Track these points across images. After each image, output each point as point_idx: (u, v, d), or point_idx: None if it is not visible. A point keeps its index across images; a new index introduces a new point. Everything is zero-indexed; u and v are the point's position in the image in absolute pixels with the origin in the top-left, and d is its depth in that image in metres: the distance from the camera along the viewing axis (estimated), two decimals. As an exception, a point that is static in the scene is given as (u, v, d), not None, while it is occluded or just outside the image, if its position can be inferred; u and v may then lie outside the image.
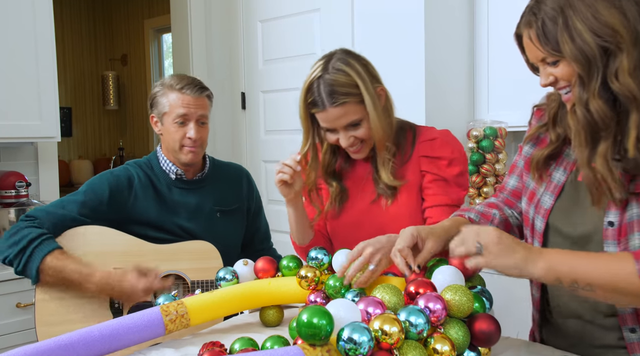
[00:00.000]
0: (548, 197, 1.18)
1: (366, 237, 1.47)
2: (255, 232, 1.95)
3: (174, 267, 1.68)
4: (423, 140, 1.50)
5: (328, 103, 1.39)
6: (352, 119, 1.41)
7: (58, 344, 1.00)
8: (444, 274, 1.05)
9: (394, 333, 0.86)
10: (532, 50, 1.08)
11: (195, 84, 1.74)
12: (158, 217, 1.73)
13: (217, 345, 1.03)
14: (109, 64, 5.80)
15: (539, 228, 1.19)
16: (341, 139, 1.44)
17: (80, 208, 1.67)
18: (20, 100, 2.36)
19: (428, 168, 1.48)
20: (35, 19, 2.39)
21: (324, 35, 2.71)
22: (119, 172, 1.76)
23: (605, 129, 1.03)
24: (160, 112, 1.75)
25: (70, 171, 5.40)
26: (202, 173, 1.83)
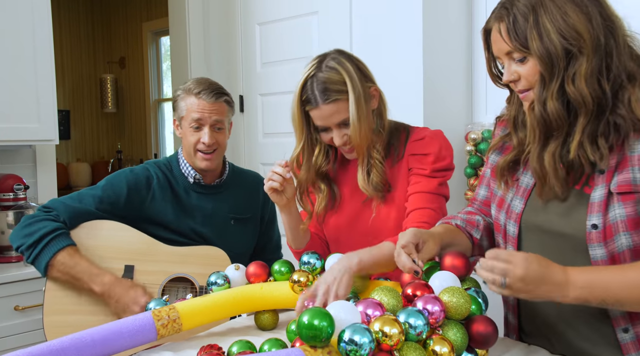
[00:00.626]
0: (518, 201, 1.20)
1: (359, 238, 1.51)
2: (268, 241, 1.96)
3: (184, 270, 1.68)
4: (413, 140, 1.52)
5: (321, 101, 1.41)
6: (345, 117, 1.43)
7: (50, 349, 1.00)
8: (441, 279, 1.06)
9: (394, 334, 0.87)
10: (499, 44, 1.10)
11: (213, 89, 1.73)
12: (174, 219, 1.74)
13: (214, 348, 1.03)
14: (107, 66, 5.81)
15: (512, 233, 1.21)
16: (335, 138, 1.46)
17: (97, 203, 1.68)
18: (18, 103, 2.37)
19: (414, 165, 1.49)
20: (34, 21, 2.39)
21: (322, 38, 2.71)
22: (138, 170, 1.77)
23: (558, 129, 1.08)
24: (179, 115, 1.77)
25: (69, 174, 5.41)
26: (221, 179, 1.84)
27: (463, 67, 2.55)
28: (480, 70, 2.55)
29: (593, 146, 1.06)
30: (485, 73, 2.59)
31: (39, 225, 1.61)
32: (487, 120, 2.50)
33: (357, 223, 1.53)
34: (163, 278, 1.67)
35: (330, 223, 1.58)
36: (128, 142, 5.80)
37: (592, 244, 1.07)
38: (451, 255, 1.12)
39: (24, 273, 2.19)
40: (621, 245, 1.04)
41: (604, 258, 1.06)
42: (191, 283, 1.69)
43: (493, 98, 2.52)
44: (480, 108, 2.55)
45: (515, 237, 1.20)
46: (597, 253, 1.06)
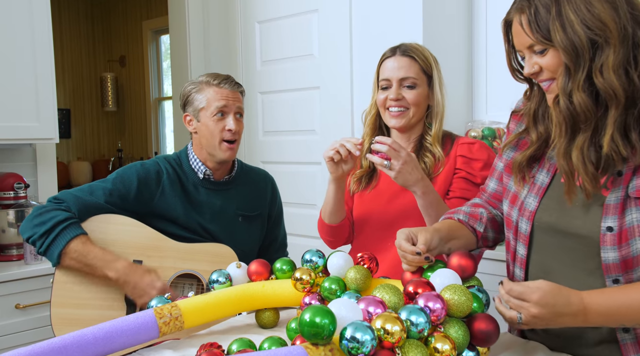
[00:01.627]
0: (532, 198, 1.18)
1: (389, 223, 1.56)
2: (273, 240, 1.97)
3: (192, 267, 1.69)
4: (462, 143, 1.59)
5: (399, 52, 1.57)
6: (411, 75, 1.55)
7: (51, 347, 1.00)
8: (442, 276, 1.06)
9: (396, 332, 0.86)
10: (520, 36, 1.08)
11: (231, 80, 1.78)
12: (182, 214, 1.74)
13: (215, 346, 1.03)
14: (107, 65, 5.81)
15: (525, 231, 1.19)
16: (391, 92, 1.55)
17: (107, 196, 1.69)
18: (18, 102, 2.38)
19: (463, 167, 1.55)
20: (33, 20, 2.40)
21: (322, 36, 2.71)
22: (149, 165, 1.77)
23: (585, 122, 1.04)
24: (196, 108, 1.76)
25: (69, 172, 5.42)
26: (230, 175, 1.84)
27: (463, 64, 2.56)
28: (481, 67, 2.56)
29: (624, 140, 1.03)
30: (486, 71, 2.64)
31: (50, 214, 1.61)
32: (487, 118, 2.51)
33: (389, 207, 1.57)
34: (170, 274, 1.68)
35: (364, 202, 1.62)
36: (128, 140, 5.81)
37: (606, 246, 1.05)
38: (458, 255, 1.12)
39: (24, 272, 2.20)
40: (636, 250, 1.03)
41: (615, 261, 1.04)
42: (198, 279, 1.69)
43: (493, 96, 2.53)
44: (480, 105, 2.56)
45: (528, 235, 1.19)
46: (609, 256, 1.05)
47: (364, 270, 1.24)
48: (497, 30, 2.48)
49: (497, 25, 2.50)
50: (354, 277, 1.22)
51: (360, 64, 2.52)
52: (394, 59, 1.56)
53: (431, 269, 1.14)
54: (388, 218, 1.57)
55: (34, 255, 2.26)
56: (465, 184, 1.54)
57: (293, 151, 2.89)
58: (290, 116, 2.89)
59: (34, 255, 2.26)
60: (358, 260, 1.28)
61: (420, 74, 1.56)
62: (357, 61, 2.54)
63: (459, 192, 1.53)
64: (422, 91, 1.56)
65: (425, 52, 1.58)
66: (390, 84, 1.56)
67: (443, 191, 1.54)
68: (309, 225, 2.57)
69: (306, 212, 2.75)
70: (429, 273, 1.12)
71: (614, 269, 1.05)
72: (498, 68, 2.50)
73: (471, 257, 1.12)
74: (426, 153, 1.57)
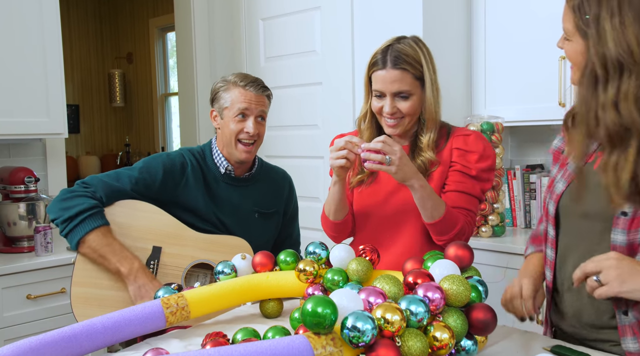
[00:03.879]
0: (562, 183, 1.24)
1: (389, 216, 1.57)
2: (287, 237, 1.99)
3: (208, 257, 1.72)
4: (458, 135, 1.57)
5: (390, 64, 1.49)
6: (404, 88, 1.49)
7: (62, 336, 1.02)
8: (441, 267, 1.08)
9: (395, 321, 0.88)
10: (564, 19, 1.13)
11: (259, 83, 1.80)
12: (203, 206, 1.77)
13: (220, 335, 1.05)
14: (115, 62, 5.84)
15: (551, 212, 1.25)
16: (386, 106, 1.51)
17: (133, 184, 1.72)
18: (28, 98, 2.41)
19: (458, 160, 1.54)
20: (43, 18, 2.43)
21: (325, 33, 2.73)
22: (174, 156, 1.81)
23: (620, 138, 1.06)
24: (221, 106, 1.79)
25: (78, 167, 5.46)
26: (250, 173, 1.87)
27: (462, 60, 2.57)
28: (480, 62, 2.57)
29: None
30: (484, 65, 2.67)
31: (76, 200, 1.65)
32: (486, 112, 2.52)
33: (389, 202, 1.58)
34: (188, 263, 1.71)
35: (363, 197, 1.62)
36: (136, 135, 5.85)
37: (617, 229, 1.11)
38: (455, 246, 1.14)
39: (35, 263, 2.22)
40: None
41: (622, 244, 1.10)
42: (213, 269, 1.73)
43: (492, 91, 2.54)
44: (479, 100, 2.57)
45: (554, 216, 1.25)
46: (617, 238, 1.11)
47: (366, 261, 1.25)
48: (496, 25, 2.53)
49: (496, 20, 2.54)
50: (356, 269, 1.23)
51: (362, 59, 2.53)
52: (385, 71, 1.49)
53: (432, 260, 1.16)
54: (388, 213, 1.58)
55: (44, 247, 2.29)
56: (461, 177, 1.53)
57: (296, 145, 2.91)
58: (293, 111, 2.92)
59: (44, 247, 2.29)
60: (360, 252, 1.29)
61: (413, 82, 1.50)
62: (358, 57, 2.56)
63: (454, 185, 1.53)
64: (417, 99, 1.52)
65: (416, 56, 1.51)
66: (384, 94, 1.51)
67: (439, 185, 1.55)
68: (313, 218, 2.59)
69: (309, 205, 2.77)
70: (428, 264, 1.14)
71: (620, 251, 1.10)
72: (497, 63, 2.51)
73: (467, 247, 1.15)
74: (421, 153, 1.55)
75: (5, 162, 2.59)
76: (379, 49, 1.53)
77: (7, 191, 2.41)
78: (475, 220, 1.56)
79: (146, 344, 1.22)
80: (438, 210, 1.45)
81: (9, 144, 2.61)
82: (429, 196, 1.44)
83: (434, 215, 1.45)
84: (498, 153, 2.41)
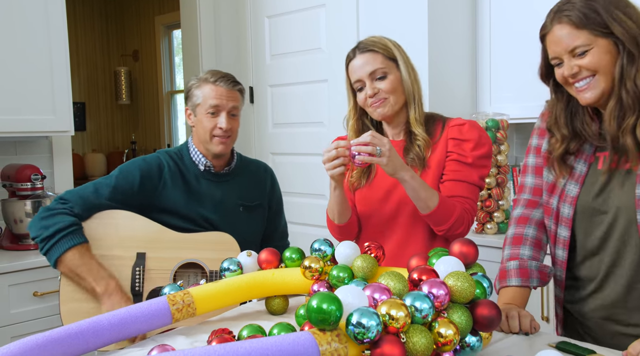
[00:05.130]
0: (573, 185, 1.29)
1: (391, 211, 1.58)
2: (275, 229, 1.99)
3: (194, 256, 1.72)
4: (453, 125, 1.59)
5: (358, 52, 1.56)
6: (377, 66, 1.54)
7: (68, 333, 1.02)
8: (446, 264, 1.08)
9: (400, 317, 0.88)
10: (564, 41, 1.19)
11: (229, 78, 1.80)
12: (184, 206, 1.77)
13: (226, 331, 1.06)
14: (121, 59, 5.86)
15: (567, 215, 1.29)
16: (367, 89, 1.55)
17: (111, 192, 1.72)
18: (35, 96, 2.42)
19: (454, 149, 1.56)
20: (48, 16, 2.44)
21: (330, 30, 2.73)
22: (150, 159, 1.81)
23: None
24: (194, 103, 1.80)
25: (85, 164, 5.48)
26: (230, 167, 1.87)
27: (467, 57, 2.57)
28: (485, 60, 2.56)
29: None
30: (489, 62, 2.67)
31: (55, 219, 1.65)
32: (490, 109, 2.52)
33: (389, 198, 1.59)
34: (174, 264, 1.71)
35: (364, 196, 1.63)
36: (142, 133, 5.86)
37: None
38: (460, 242, 1.14)
39: (42, 260, 2.22)
40: None
41: None
42: (202, 268, 1.73)
43: (497, 88, 2.54)
44: (484, 97, 2.57)
45: (570, 218, 1.29)
46: None
47: (371, 258, 1.25)
48: (501, 23, 2.52)
49: (501, 17, 2.54)
50: (361, 265, 1.24)
51: None
52: (356, 59, 1.56)
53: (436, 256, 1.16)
54: (389, 209, 1.59)
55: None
56: (457, 166, 1.55)
57: (302, 143, 2.91)
58: (299, 108, 2.92)
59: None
60: (365, 249, 1.30)
61: (385, 61, 1.55)
62: (364, 54, 2.56)
63: (451, 175, 1.55)
64: (395, 77, 1.55)
65: (382, 41, 1.57)
66: (364, 83, 1.55)
67: (437, 175, 1.56)
68: (318, 215, 2.60)
69: (315, 202, 2.78)
70: (433, 261, 1.14)
71: None
72: (502, 60, 2.51)
73: (472, 244, 1.15)
74: (417, 138, 1.57)
75: (11, 160, 2.60)
76: None
77: (13, 188, 2.42)
78: (475, 207, 1.56)
79: (152, 341, 1.22)
80: (432, 199, 1.45)
81: (15, 142, 2.63)
82: (421, 186, 1.45)
83: (429, 205, 1.46)
84: (503, 150, 2.41)
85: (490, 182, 2.39)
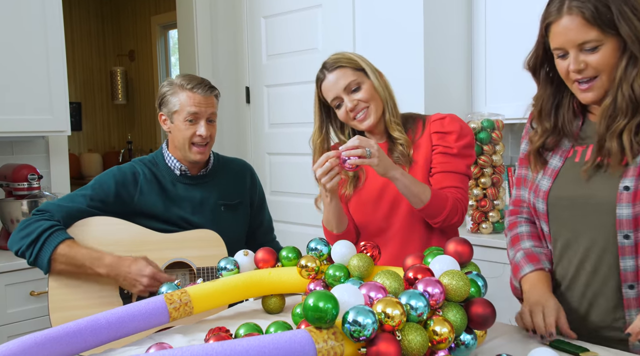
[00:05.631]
0: (546, 180, 1.29)
1: (384, 211, 1.59)
2: (259, 225, 2.00)
3: (181, 255, 1.73)
4: (434, 120, 1.62)
5: (327, 72, 1.59)
6: (350, 80, 1.56)
7: (67, 331, 1.03)
8: (441, 262, 1.09)
9: (396, 315, 0.89)
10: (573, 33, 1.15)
11: (205, 84, 1.79)
12: (163, 210, 1.78)
13: (223, 330, 1.06)
14: (117, 59, 5.85)
15: (542, 210, 1.29)
16: (346, 103, 1.57)
17: (88, 201, 1.73)
18: (31, 96, 2.42)
19: (439, 142, 1.59)
20: (45, 16, 2.44)
21: (326, 30, 2.74)
22: (125, 168, 1.81)
23: None
24: (170, 110, 1.79)
25: (81, 164, 5.47)
26: (206, 169, 1.87)
27: (463, 57, 2.58)
28: (480, 60, 2.58)
29: None
30: (485, 63, 2.68)
31: (35, 225, 1.66)
32: (486, 110, 2.53)
33: (382, 198, 1.60)
34: (161, 265, 1.71)
35: (357, 201, 1.64)
36: (138, 132, 5.86)
37: (621, 203, 1.15)
38: (455, 242, 1.15)
39: (39, 261, 2.24)
40: None
41: (628, 217, 1.15)
42: (189, 266, 1.74)
43: (492, 88, 2.55)
44: (479, 98, 2.59)
45: (545, 212, 1.29)
46: (623, 212, 1.15)
47: (367, 257, 1.26)
48: (496, 23, 2.54)
49: (496, 18, 2.55)
50: (357, 265, 1.24)
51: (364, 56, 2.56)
52: (327, 79, 1.58)
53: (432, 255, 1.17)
54: (383, 210, 1.60)
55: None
56: (444, 158, 1.57)
57: (298, 142, 2.92)
58: (295, 108, 2.93)
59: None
60: (361, 249, 1.31)
61: (355, 72, 1.57)
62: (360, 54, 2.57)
63: (440, 167, 1.57)
64: (368, 86, 1.57)
65: (345, 55, 1.61)
66: (341, 98, 1.58)
67: (426, 170, 1.58)
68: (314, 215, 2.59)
69: (311, 202, 2.76)
70: (428, 259, 1.15)
71: (626, 225, 1.15)
72: (497, 60, 2.52)
73: (467, 243, 1.16)
74: (398, 139, 1.60)
75: (8, 160, 2.60)
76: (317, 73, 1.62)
77: (10, 188, 2.42)
78: (466, 195, 1.58)
79: (149, 340, 1.23)
80: (425, 193, 1.47)
81: (12, 141, 2.63)
82: (412, 182, 1.47)
83: (422, 200, 1.48)
84: (498, 151, 2.42)
85: (486, 181, 2.40)
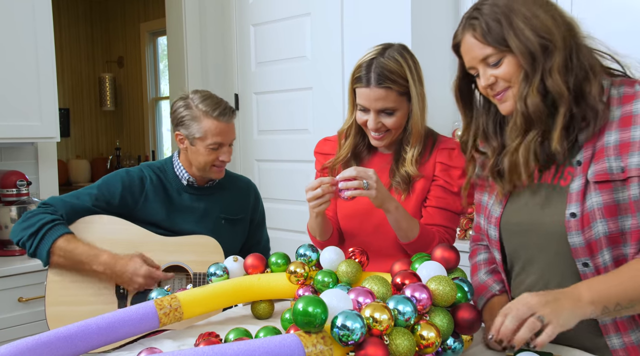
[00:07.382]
0: (497, 205, 1.24)
1: (372, 227, 1.56)
2: (256, 243, 2.01)
3: (178, 259, 1.74)
4: (443, 148, 1.55)
5: (374, 82, 1.45)
6: (388, 106, 1.47)
7: (57, 336, 1.04)
8: (428, 268, 1.10)
9: (384, 320, 0.90)
10: (474, 51, 1.15)
11: (225, 107, 1.78)
12: (165, 218, 1.79)
13: (213, 335, 1.07)
14: (105, 66, 5.84)
15: (494, 237, 1.25)
16: (370, 121, 1.49)
17: (93, 200, 1.74)
18: (21, 102, 2.42)
19: (441, 175, 1.53)
20: (35, 24, 2.44)
21: (315, 38, 2.76)
22: (133, 172, 1.82)
23: (537, 123, 1.12)
24: (191, 135, 1.77)
25: (69, 170, 5.45)
26: (213, 181, 1.89)
27: (450, 64, 2.60)
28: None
29: (569, 137, 1.12)
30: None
31: (37, 217, 1.68)
32: (474, 118, 2.55)
33: (370, 216, 1.57)
34: None
35: (345, 210, 1.62)
36: (126, 139, 5.84)
37: (571, 232, 1.10)
38: (441, 248, 1.17)
39: (27, 266, 2.24)
40: (597, 232, 1.08)
41: (581, 245, 1.09)
42: (186, 271, 1.75)
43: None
44: (467, 106, 2.60)
45: (497, 239, 1.24)
46: (575, 240, 1.10)
47: (355, 263, 1.27)
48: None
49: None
50: (346, 270, 1.26)
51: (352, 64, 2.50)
52: (368, 90, 1.46)
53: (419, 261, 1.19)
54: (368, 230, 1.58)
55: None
56: (442, 193, 1.52)
57: (286, 149, 2.93)
58: (284, 116, 2.94)
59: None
60: (349, 254, 1.32)
61: (397, 98, 1.47)
62: (348, 62, 2.59)
63: (435, 201, 1.52)
64: (401, 114, 1.50)
65: (401, 71, 1.47)
66: (369, 111, 1.49)
67: (421, 198, 1.54)
68: (303, 222, 2.60)
69: (299, 209, 2.80)
70: (416, 265, 1.17)
71: (582, 253, 1.10)
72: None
73: (454, 249, 1.18)
74: (404, 164, 1.54)
75: (-4, 166, 2.60)
76: (362, 62, 1.49)
77: (-2, 194, 2.42)
78: (454, 235, 1.55)
79: (139, 345, 1.24)
80: (413, 230, 1.45)
81: (1, 148, 2.62)
82: (403, 217, 1.44)
83: (409, 236, 1.45)
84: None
85: (472, 188, 2.42)
